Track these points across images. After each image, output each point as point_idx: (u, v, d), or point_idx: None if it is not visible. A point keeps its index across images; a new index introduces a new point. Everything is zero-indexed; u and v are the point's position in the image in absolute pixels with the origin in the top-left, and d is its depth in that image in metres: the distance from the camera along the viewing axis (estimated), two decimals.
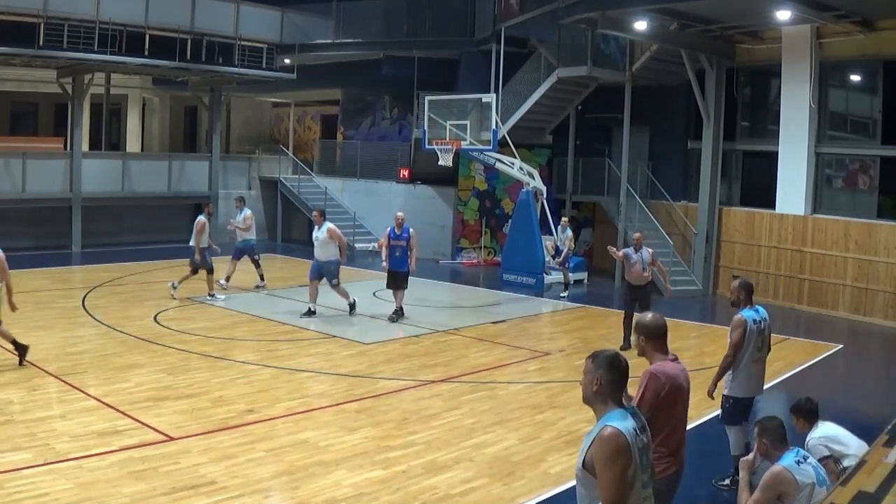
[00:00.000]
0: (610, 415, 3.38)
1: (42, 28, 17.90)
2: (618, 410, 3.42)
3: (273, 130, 29.81)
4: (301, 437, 7.45)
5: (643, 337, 4.52)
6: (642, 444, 3.40)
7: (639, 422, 3.46)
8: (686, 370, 4.63)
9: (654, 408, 4.31)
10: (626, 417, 3.39)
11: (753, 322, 6.67)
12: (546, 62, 19.29)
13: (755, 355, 6.71)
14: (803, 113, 15.89)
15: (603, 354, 3.51)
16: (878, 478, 3.76)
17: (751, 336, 6.62)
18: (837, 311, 15.50)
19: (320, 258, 12.90)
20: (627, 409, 3.47)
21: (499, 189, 21.25)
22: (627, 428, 3.34)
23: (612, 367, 3.44)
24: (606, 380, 3.42)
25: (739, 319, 6.66)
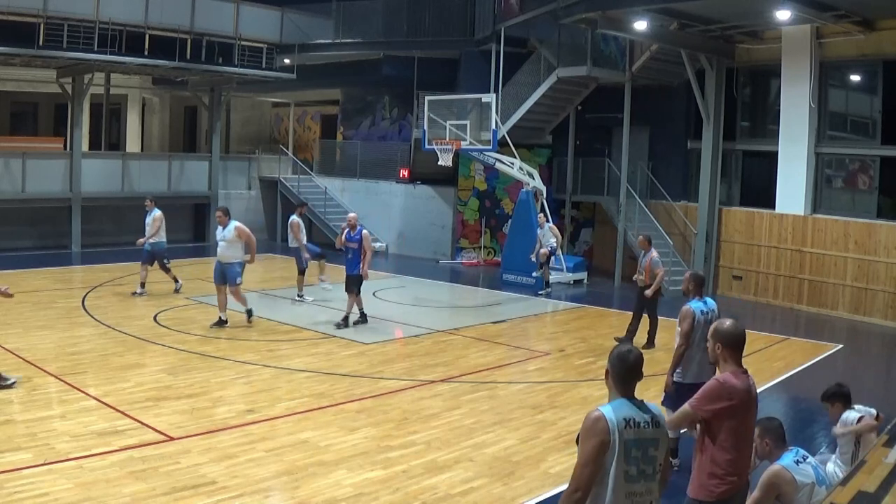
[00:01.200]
0: (610, 403, 3.55)
1: (42, 28, 17.90)
2: (618, 400, 3.55)
3: (273, 130, 29.80)
4: (301, 437, 7.45)
5: (719, 344, 4.27)
6: (635, 435, 3.44)
7: (643, 416, 3.51)
8: (755, 385, 4.34)
9: (712, 418, 4.11)
10: (622, 406, 3.50)
11: (701, 313, 6.98)
12: (546, 62, 19.30)
13: (702, 345, 6.72)
14: (803, 113, 15.89)
15: (615, 352, 3.66)
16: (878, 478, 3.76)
17: (699, 326, 6.87)
18: (837, 311, 15.50)
19: (224, 259, 11.97)
20: (633, 401, 3.55)
21: (499, 189, 21.25)
22: (616, 415, 3.45)
23: (620, 363, 3.60)
24: (614, 374, 3.61)
25: (687, 310, 7.00)
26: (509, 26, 18.64)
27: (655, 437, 3.54)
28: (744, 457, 4.28)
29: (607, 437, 3.41)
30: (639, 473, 3.47)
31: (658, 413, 3.61)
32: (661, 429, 3.58)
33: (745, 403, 4.19)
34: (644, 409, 3.57)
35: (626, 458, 3.42)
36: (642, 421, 3.51)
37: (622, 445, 3.42)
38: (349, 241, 12.20)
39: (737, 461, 4.19)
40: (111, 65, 20.20)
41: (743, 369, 4.25)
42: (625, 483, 3.43)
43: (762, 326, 13.91)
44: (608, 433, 3.42)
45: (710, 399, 4.15)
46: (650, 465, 3.50)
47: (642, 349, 12.10)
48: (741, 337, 4.29)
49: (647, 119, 19.02)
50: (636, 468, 3.46)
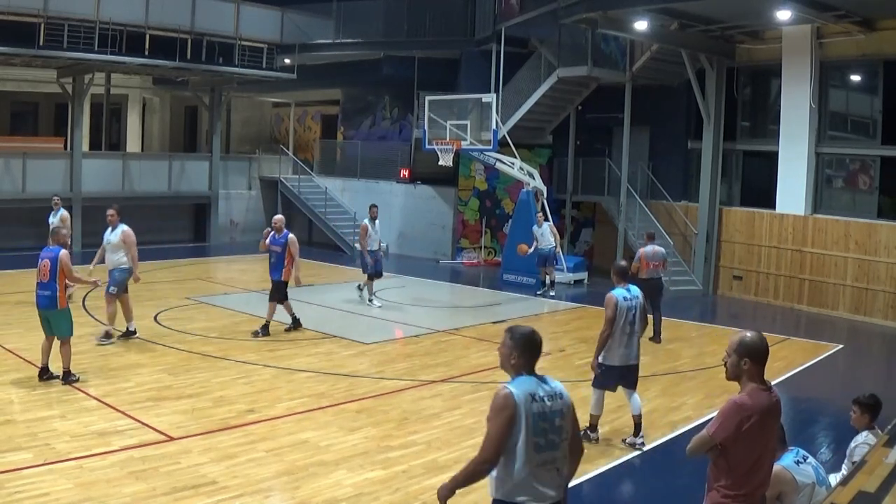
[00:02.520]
0: (514, 380, 3.78)
1: (42, 28, 17.90)
2: (523, 377, 3.79)
3: (273, 130, 29.80)
4: (301, 437, 7.45)
5: (746, 359, 3.99)
6: (541, 409, 3.70)
7: (546, 389, 3.76)
8: (779, 400, 4.12)
9: (730, 441, 3.96)
10: (526, 383, 3.75)
11: (624, 299, 7.45)
12: (546, 62, 19.30)
13: (626, 329, 7.44)
14: (803, 113, 15.89)
15: (519, 332, 3.87)
16: (879, 478, 3.75)
17: (621, 312, 7.38)
18: (838, 311, 15.50)
19: (108, 265, 10.91)
20: (535, 377, 3.80)
21: (499, 189, 21.25)
22: (522, 391, 3.69)
23: (525, 344, 3.82)
24: (519, 354, 3.82)
25: (611, 297, 7.46)
26: (510, 26, 18.64)
27: (559, 408, 3.78)
28: (761, 477, 4.09)
29: (515, 412, 3.65)
30: (547, 443, 3.71)
31: (559, 386, 3.84)
32: (563, 400, 3.82)
33: (762, 423, 3.98)
34: (546, 382, 3.81)
35: (534, 431, 3.66)
36: (546, 394, 3.75)
37: (529, 419, 3.66)
38: (273, 245, 11.48)
39: (754, 483, 4.05)
40: (111, 65, 20.21)
41: (765, 385, 4.04)
42: (535, 453, 3.67)
43: (762, 326, 13.85)
44: (516, 408, 3.65)
45: (727, 422, 3.97)
46: (557, 434, 3.75)
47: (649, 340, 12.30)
48: (766, 350, 4.05)
49: (648, 119, 19.02)
50: (544, 439, 3.70)
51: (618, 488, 6.96)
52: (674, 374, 10.52)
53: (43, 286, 8.60)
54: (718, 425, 3.99)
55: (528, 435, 3.65)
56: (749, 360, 4.00)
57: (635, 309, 7.49)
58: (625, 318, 7.41)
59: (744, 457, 3.98)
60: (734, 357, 4.03)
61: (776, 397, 4.10)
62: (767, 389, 4.05)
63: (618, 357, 7.44)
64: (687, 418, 8.51)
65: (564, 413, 3.81)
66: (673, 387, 9.83)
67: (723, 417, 3.99)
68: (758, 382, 4.02)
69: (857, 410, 5.70)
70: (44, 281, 8.59)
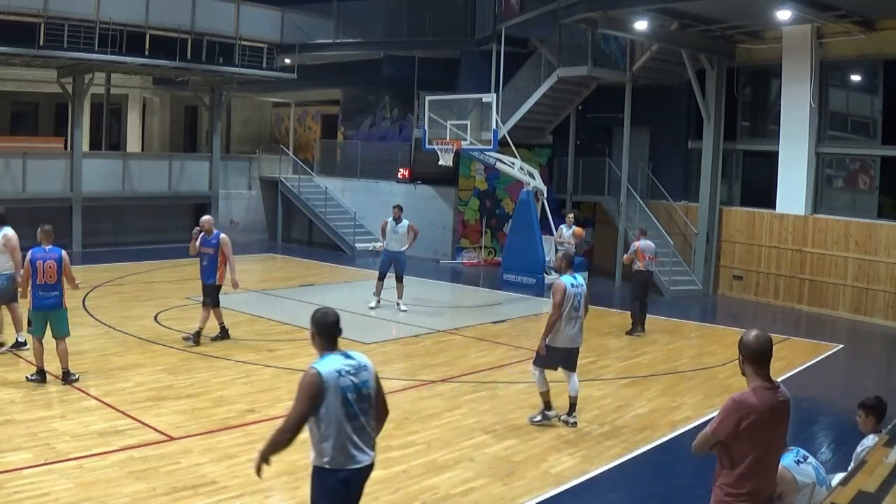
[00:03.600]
0: (320, 359, 4.15)
1: (42, 28, 17.90)
2: (328, 355, 4.16)
3: (273, 130, 29.81)
4: (302, 436, 7.43)
5: (742, 356, 4.10)
6: (348, 382, 4.10)
7: (350, 363, 4.15)
8: (787, 399, 4.13)
9: (731, 438, 4.00)
10: (332, 360, 4.13)
11: (571, 286, 7.92)
12: (546, 62, 19.30)
13: (571, 314, 7.94)
14: (804, 113, 15.89)
15: (316, 313, 4.27)
16: (879, 478, 3.75)
17: (568, 298, 7.86)
18: (838, 311, 15.49)
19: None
20: (339, 353, 4.18)
21: (499, 189, 21.25)
22: (329, 369, 4.09)
23: (322, 324, 4.21)
24: (319, 335, 4.21)
25: (559, 284, 7.93)
26: (510, 26, 18.63)
27: (366, 378, 4.19)
28: (765, 477, 4.10)
29: (322, 390, 4.04)
30: (359, 411, 4.14)
31: (363, 359, 4.24)
32: (368, 371, 4.22)
33: (765, 421, 4.00)
34: (349, 357, 4.20)
35: (344, 402, 4.08)
36: (351, 368, 4.15)
37: (339, 392, 4.06)
38: (204, 247, 10.85)
39: (757, 482, 4.06)
40: (112, 65, 20.20)
41: (770, 384, 4.06)
42: (347, 422, 4.10)
43: (763, 326, 13.73)
44: (323, 386, 4.04)
45: (728, 419, 4.01)
46: (366, 402, 4.19)
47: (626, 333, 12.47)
48: (764, 349, 4.07)
49: (648, 119, 19.01)
50: (355, 408, 4.13)
51: (618, 488, 6.96)
52: (674, 374, 10.52)
53: (50, 287, 8.60)
54: (719, 422, 4.05)
55: (339, 407, 4.06)
56: (746, 359, 4.07)
57: (580, 296, 8.00)
58: (571, 304, 7.89)
59: (744, 454, 4.00)
60: (739, 356, 4.15)
61: (783, 397, 4.11)
62: (773, 388, 4.06)
63: (563, 340, 7.93)
64: (687, 418, 8.51)
65: (370, 382, 4.22)
66: (673, 387, 9.83)
67: (723, 415, 4.05)
68: (761, 380, 4.05)
69: (862, 414, 5.67)
70: (50, 282, 8.60)
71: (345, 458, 4.13)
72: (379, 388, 4.31)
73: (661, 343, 12.41)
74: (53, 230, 9.04)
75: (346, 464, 4.13)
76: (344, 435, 4.11)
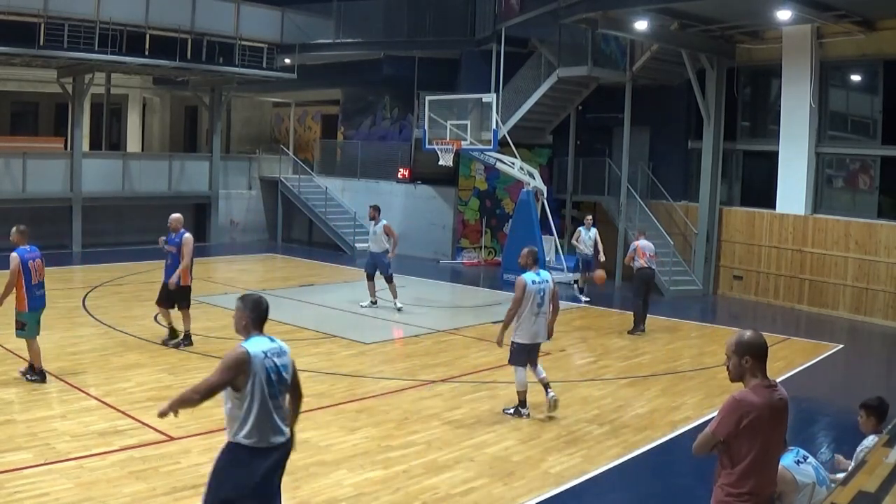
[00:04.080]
0: (248, 340, 4.41)
1: (42, 28, 17.90)
2: (255, 337, 4.43)
3: (273, 130, 29.80)
4: (302, 436, 7.40)
5: (747, 357, 4.04)
6: (272, 363, 4.37)
7: (274, 347, 4.43)
8: (784, 398, 4.11)
9: (731, 437, 3.98)
10: (259, 342, 4.40)
11: (533, 282, 8.13)
12: (546, 62, 19.30)
13: (534, 309, 8.16)
14: (804, 113, 15.89)
15: (250, 298, 4.53)
16: (879, 478, 3.75)
17: (530, 293, 8.08)
18: (838, 311, 15.49)
19: None
20: (265, 336, 4.45)
21: (499, 189, 21.25)
22: (256, 349, 4.35)
23: (255, 308, 4.47)
24: (251, 318, 4.45)
25: (521, 280, 8.16)
26: (510, 26, 18.63)
27: (286, 362, 4.49)
28: (765, 476, 4.09)
29: (248, 367, 4.28)
30: (278, 391, 4.42)
31: (284, 344, 4.53)
32: (287, 355, 4.52)
33: (765, 419, 3.98)
34: (273, 341, 4.47)
35: (267, 381, 4.33)
36: (274, 351, 4.43)
37: (264, 372, 4.32)
38: (169, 245, 10.73)
39: (757, 481, 4.04)
40: (112, 65, 20.20)
41: (769, 382, 4.05)
42: (269, 399, 4.35)
43: (763, 326, 13.81)
44: (249, 364, 4.28)
45: (728, 418, 3.99)
46: (285, 384, 4.48)
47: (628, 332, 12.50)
48: (764, 346, 4.08)
49: (648, 119, 19.01)
50: (276, 388, 4.40)
51: (618, 488, 6.96)
52: (674, 374, 10.52)
53: (41, 285, 8.62)
54: (719, 422, 4.03)
55: (262, 385, 4.31)
56: (750, 358, 4.03)
57: (543, 292, 8.20)
58: (532, 300, 8.12)
59: (745, 453, 3.99)
60: (735, 358, 4.07)
61: (781, 395, 4.10)
62: (771, 387, 4.06)
63: (528, 335, 8.18)
64: (687, 418, 8.51)
65: (289, 366, 4.52)
66: (673, 387, 9.83)
67: (723, 414, 4.03)
68: (760, 379, 4.04)
69: (863, 414, 5.66)
70: (41, 280, 8.62)
71: (263, 436, 4.33)
72: (295, 372, 4.62)
73: (661, 343, 12.41)
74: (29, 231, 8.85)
75: (263, 442, 4.33)
76: (265, 413, 4.33)
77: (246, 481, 4.31)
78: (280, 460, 4.47)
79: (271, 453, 4.37)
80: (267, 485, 4.39)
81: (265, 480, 4.37)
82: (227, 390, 4.32)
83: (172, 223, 10.82)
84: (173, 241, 10.69)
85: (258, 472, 4.33)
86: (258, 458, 4.32)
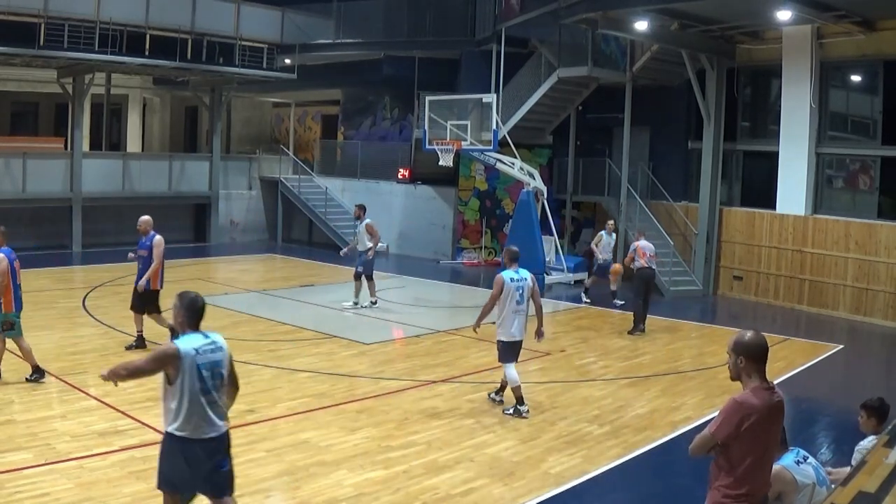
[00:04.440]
0: (182, 336, 4.58)
1: (42, 28, 17.90)
2: (189, 334, 4.60)
3: (274, 130, 29.81)
4: (302, 437, 7.46)
5: (741, 357, 4.04)
6: (204, 359, 4.54)
7: (208, 343, 4.59)
8: (782, 400, 4.14)
9: (731, 440, 3.99)
10: (192, 339, 4.58)
11: (511, 280, 8.32)
12: (546, 62, 19.29)
13: (514, 307, 8.35)
14: (804, 113, 15.89)
15: (186, 296, 4.68)
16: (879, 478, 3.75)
17: (508, 290, 8.26)
18: (838, 312, 15.49)
19: None
20: (199, 333, 4.62)
21: (499, 189, 21.25)
22: (188, 346, 4.52)
23: (190, 307, 4.65)
24: (185, 316, 4.63)
25: (499, 277, 8.34)
26: (510, 26, 18.63)
27: (220, 358, 4.65)
28: (762, 478, 4.11)
29: (178, 363, 4.46)
30: (211, 386, 4.57)
31: (219, 340, 4.69)
32: (223, 351, 4.68)
33: (764, 421, 3.99)
34: (207, 337, 4.64)
35: (198, 377, 4.51)
36: (207, 348, 4.58)
37: (194, 369, 4.49)
38: (140, 249, 10.33)
39: (754, 483, 4.05)
40: (112, 65, 20.21)
41: (767, 384, 4.05)
42: (200, 395, 4.52)
43: (763, 327, 13.80)
44: (179, 361, 4.47)
45: (728, 420, 3.99)
46: (219, 379, 4.62)
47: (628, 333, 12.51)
48: (763, 348, 4.06)
49: (648, 119, 19.01)
50: (208, 383, 4.55)
51: (618, 488, 6.96)
52: (674, 375, 10.52)
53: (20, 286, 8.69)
54: (719, 424, 4.01)
55: (193, 380, 4.49)
56: (745, 358, 4.03)
57: (522, 289, 8.35)
58: (511, 297, 8.29)
59: (744, 455, 3.99)
60: (732, 356, 4.09)
61: (779, 398, 4.10)
62: (769, 389, 4.05)
63: (510, 333, 8.37)
64: (687, 418, 8.51)
65: (223, 361, 4.67)
66: (673, 387, 9.83)
67: (724, 416, 4.01)
68: (759, 381, 4.03)
69: (864, 415, 5.66)
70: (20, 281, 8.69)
71: (195, 429, 4.54)
72: (231, 367, 4.79)
73: (661, 343, 12.41)
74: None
75: (196, 433, 4.55)
76: (197, 407, 4.53)
77: (179, 469, 4.58)
78: (215, 451, 4.64)
79: (205, 445, 4.58)
80: (199, 473, 4.60)
81: (196, 470, 4.59)
82: (163, 383, 4.56)
83: (142, 225, 10.45)
84: (144, 245, 10.32)
85: (190, 461, 4.56)
86: (190, 449, 4.55)
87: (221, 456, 4.72)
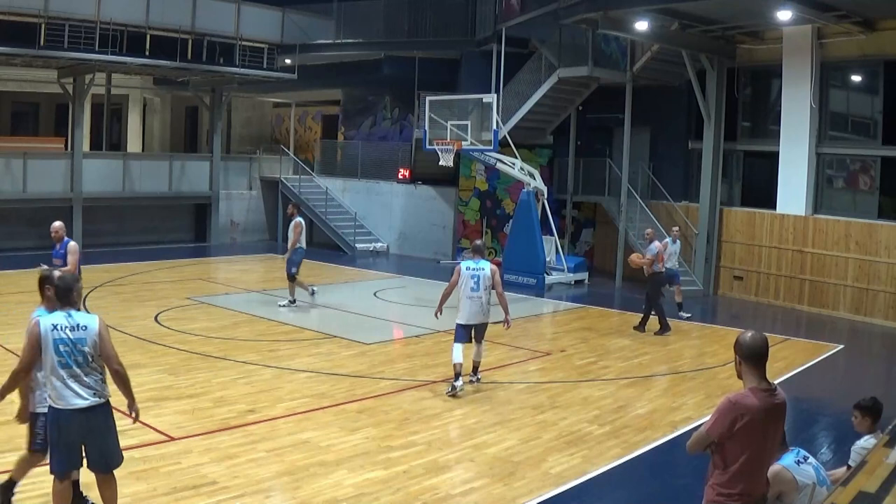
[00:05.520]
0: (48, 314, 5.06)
1: (43, 28, 17.90)
2: (54, 312, 5.04)
3: (274, 130, 29.82)
4: (302, 437, 7.46)
5: (738, 358, 4.08)
6: (62, 336, 4.94)
7: (70, 322, 4.97)
8: (783, 402, 4.10)
9: (724, 438, 4.00)
10: (54, 316, 4.99)
11: (467, 269, 9.20)
12: (547, 62, 19.29)
13: (468, 293, 9.16)
14: (804, 113, 15.89)
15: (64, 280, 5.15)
16: (879, 478, 3.76)
17: (464, 278, 9.17)
18: (838, 312, 15.49)
19: None
20: (65, 312, 5.01)
21: (500, 189, 21.24)
22: (46, 322, 4.96)
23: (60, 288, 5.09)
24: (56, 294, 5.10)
25: (457, 266, 9.34)
26: (510, 27, 18.63)
27: (82, 336, 4.99)
28: (757, 478, 4.10)
29: (40, 337, 4.93)
30: (71, 362, 4.95)
31: (84, 321, 5.04)
32: (87, 331, 5.01)
33: (760, 421, 3.98)
34: (71, 317, 5.00)
35: (56, 352, 4.93)
36: (67, 326, 4.96)
37: (52, 343, 4.93)
38: (55, 258, 9.52)
39: (749, 482, 4.05)
40: (112, 65, 20.20)
41: (766, 385, 4.03)
42: (59, 368, 4.95)
43: (763, 327, 13.89)
44: (39, 334, 4.94)
45: (722, 419, 4.00)
46: (81, 356, 4.98)
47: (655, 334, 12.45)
48: (760, 349, 4.05)
49: (648, 119, 19.01)
50: (67, 359, 4.94)
51: (618, 488, 6.96)
52: (674, 375, 10.52)
53: None
54: (713, 422, 4.05)
55: (52, 354, 4.93)
56: (742, 360, 4.06)
57: (478, 278, 9.14)
58: (466, 284, 9.13)
59: (737, 455, 4.00)
60: (735, 356, 4.12)
61: (779, 399, 4.09)
62: (769, 390, 4.04)
63: (467, 317, 9.19)
64: (687, 418, 8.51)
65: (87, 341, 5.01)
66: (673, 387, 9.83)
67: (717, 415, 4.04)
68: (756, 382, 4.03)
69: (858, 415, 5.67)
70: None
71: (59, 399, 4.97)
72: (103, 346, 5.08)
73: (661, 343, 12.41)
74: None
75: (61, 404, 4.96)
76: (59, 379, 4.95)
77: (55, 434, 5.04)
78: (85, 422, 5.03)
79: (74, 415, 4.98)
80: (71, 440, 5.04)
81: (68, 436, 5.02)
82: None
83: (56, 232, 9.63)
84: (58, 253, 9.46)
85: (63, 428, 5.01)
86: (62, 417, 4.99)
87: (93, 428, 5.08)
